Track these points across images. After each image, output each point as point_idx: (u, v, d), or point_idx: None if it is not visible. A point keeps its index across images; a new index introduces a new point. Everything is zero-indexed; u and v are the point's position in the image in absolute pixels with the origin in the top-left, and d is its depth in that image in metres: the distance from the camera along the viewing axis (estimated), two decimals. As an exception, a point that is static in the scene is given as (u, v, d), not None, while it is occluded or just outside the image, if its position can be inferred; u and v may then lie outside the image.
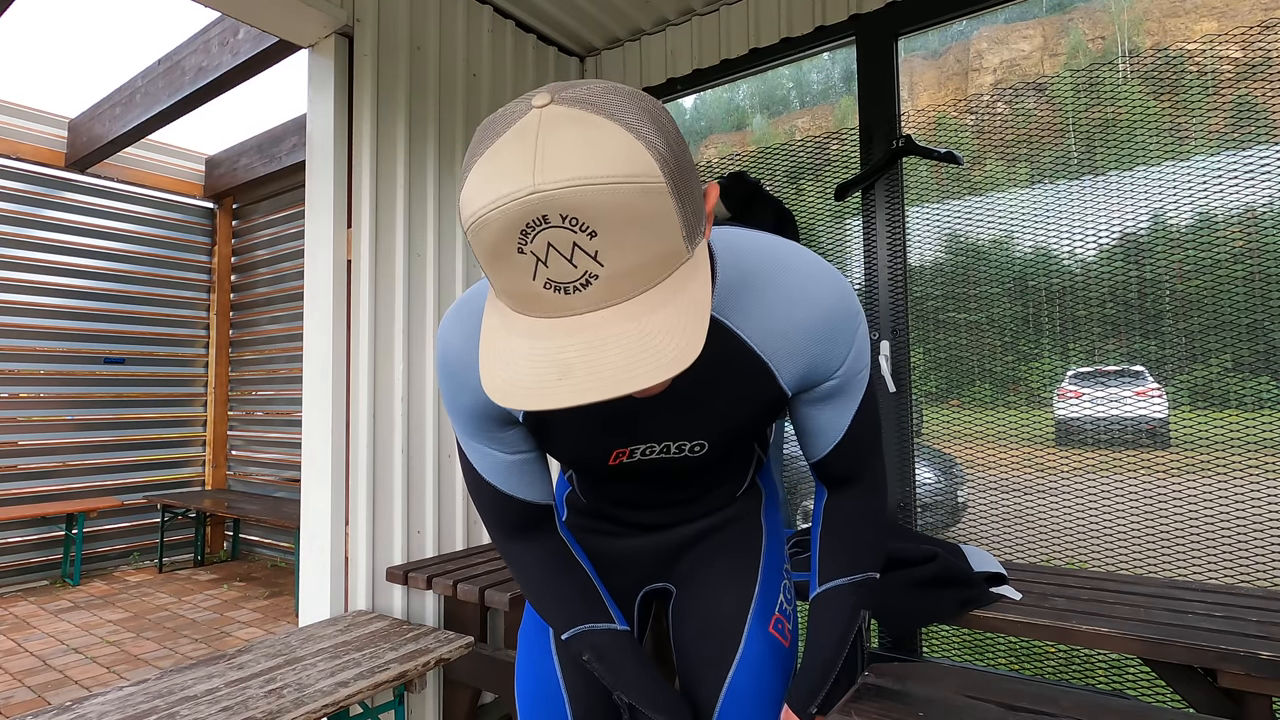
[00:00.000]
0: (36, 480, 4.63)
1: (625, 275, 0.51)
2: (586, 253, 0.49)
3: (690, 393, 0.80)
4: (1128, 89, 2.10)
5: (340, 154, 2.08)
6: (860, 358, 0.81)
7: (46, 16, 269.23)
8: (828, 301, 0.76)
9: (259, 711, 1.32)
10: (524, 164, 0.49)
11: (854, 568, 0.92)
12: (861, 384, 0.84)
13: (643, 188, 0.49)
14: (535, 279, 0.51)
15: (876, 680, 1.04)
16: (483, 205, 0.50)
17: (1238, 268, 1.90)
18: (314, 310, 2.08)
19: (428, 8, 2.36)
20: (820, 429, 0.87)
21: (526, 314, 0.54)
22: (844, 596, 0.91)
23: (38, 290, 4.68)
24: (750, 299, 0.76)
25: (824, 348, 0.78)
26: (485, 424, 0.84)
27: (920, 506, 2.23)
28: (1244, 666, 1.25)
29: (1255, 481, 1.83)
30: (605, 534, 1.06)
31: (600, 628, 0.93)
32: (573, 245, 0.49)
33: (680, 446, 0.86)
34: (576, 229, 0.48)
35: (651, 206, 0.50)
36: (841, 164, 2.43)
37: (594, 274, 0.50)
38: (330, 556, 1.97)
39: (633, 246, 0.50)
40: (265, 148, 4.89)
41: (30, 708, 2.69)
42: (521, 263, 0.50)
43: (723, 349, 0.77)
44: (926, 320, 2.32)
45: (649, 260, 0.51)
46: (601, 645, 0.93)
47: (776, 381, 0.80)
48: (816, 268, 0.77)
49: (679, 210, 0.52)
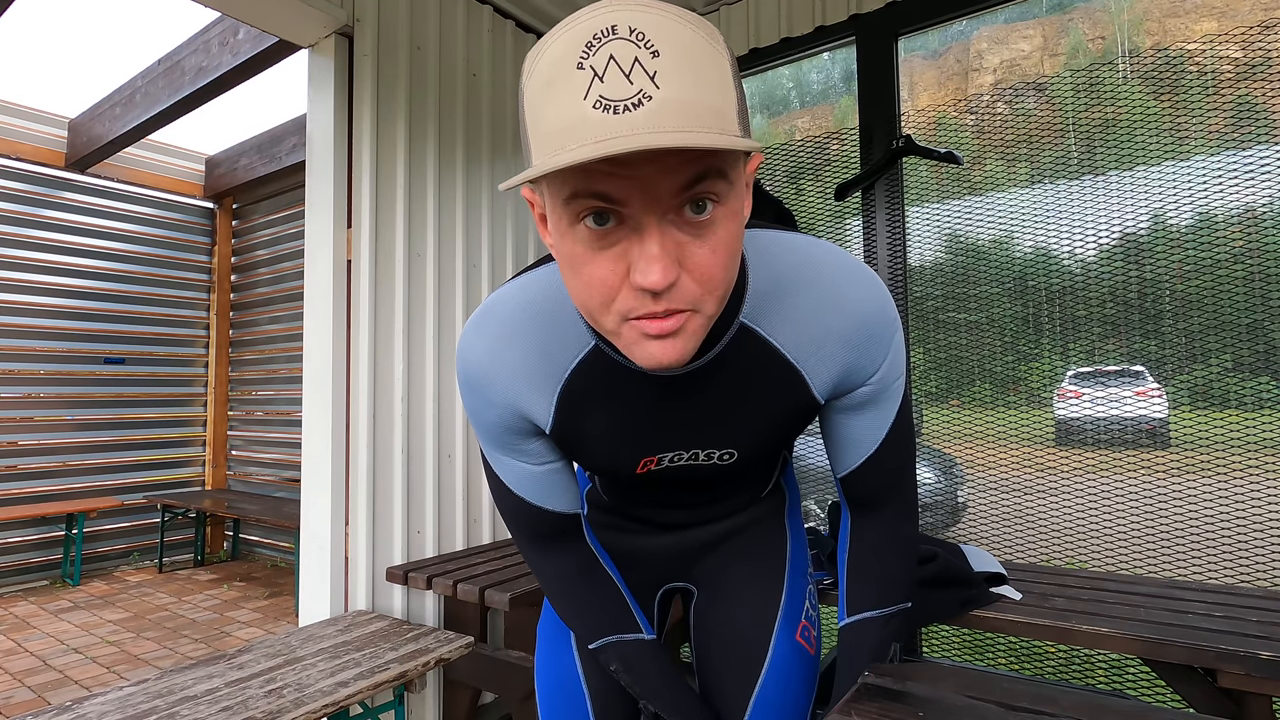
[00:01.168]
0: (36, 480, 4.63)
1: (676, 105, 0.49)
2: (645, 71, 0.48)
3: (721, 401, 0.78)
4: (1128, 89, 2.10)
5: (340, 154, 2.08)
6: (896, 365, 0.78)
7: (46, 16, 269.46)
8: (863, 307, 0.73)
9: (259, 711, 1.32)
10: (600, 3, 0.52)
11: (886, 599, 0.88)
12: (897, 394, 0.81)
13: (712, 38, 0.52)
14: (586, 97, 0.49)
15: (876, 680, 1.04)
16: (554, 32, 0.52)
17: (1238, 268, 1.90)
18: (314, 310, 2.08)
19: (428, 8, 2.36)
20: (853, 439, 0.84)
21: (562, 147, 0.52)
22: (874, 630, 0.88)
23: (38, 290, 4.68)
24: (783, 305, 0.73)
25: (858, 354, 0.75)
26: (510, 436, 0.82)
27: (920, 506, 2.23)
28: (1244, 666, 1.25)
29: (1255, 481, 1.83)
30: (626, 531, 1.05)
31: (628, 639, 0.92)
32: (634, 60, 0.48)
33: (709, 455, 0.83)
34: (641, 44, 0.49)
35: (715, 61, 0.52)
36: (841, 164, 2.43)
37: (648, 94, 0.48)
38: (330, 556, 1.97)
39: (691, 80, 0.50)
40: (265, 148, 4.89)
41: (30, 708, 2.69)
42: (577, 80, 0.49)
43: (754, 358, 0.75)
44: (926, 320, 2.32)
45: (701, 102, 0.50)
46: (629, 656, 0.92)
47: (809, 389, 0.77)
48: (852, 271, 0.74)
49: (735, 88, 0.54)
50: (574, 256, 0.56)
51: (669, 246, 0.54)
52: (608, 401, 0.77)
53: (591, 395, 0.77)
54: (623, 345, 0.59)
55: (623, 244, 0.54)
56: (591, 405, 0.77)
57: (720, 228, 0.55)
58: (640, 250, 0.53)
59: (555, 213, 0.56)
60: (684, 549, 1.03)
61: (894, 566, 0.89)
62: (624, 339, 0.59)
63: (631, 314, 0.56)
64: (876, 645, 0.88)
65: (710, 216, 0.54)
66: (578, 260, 0.56)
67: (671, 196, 0.52)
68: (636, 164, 0.50)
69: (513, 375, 0.76)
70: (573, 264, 0.57)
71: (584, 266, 0.56)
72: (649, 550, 1.04)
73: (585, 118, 0.48)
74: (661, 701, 0.91)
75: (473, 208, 2.53)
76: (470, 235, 2.51)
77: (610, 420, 0.79)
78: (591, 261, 0.55)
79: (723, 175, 0.53)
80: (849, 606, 0.90)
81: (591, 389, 0.76)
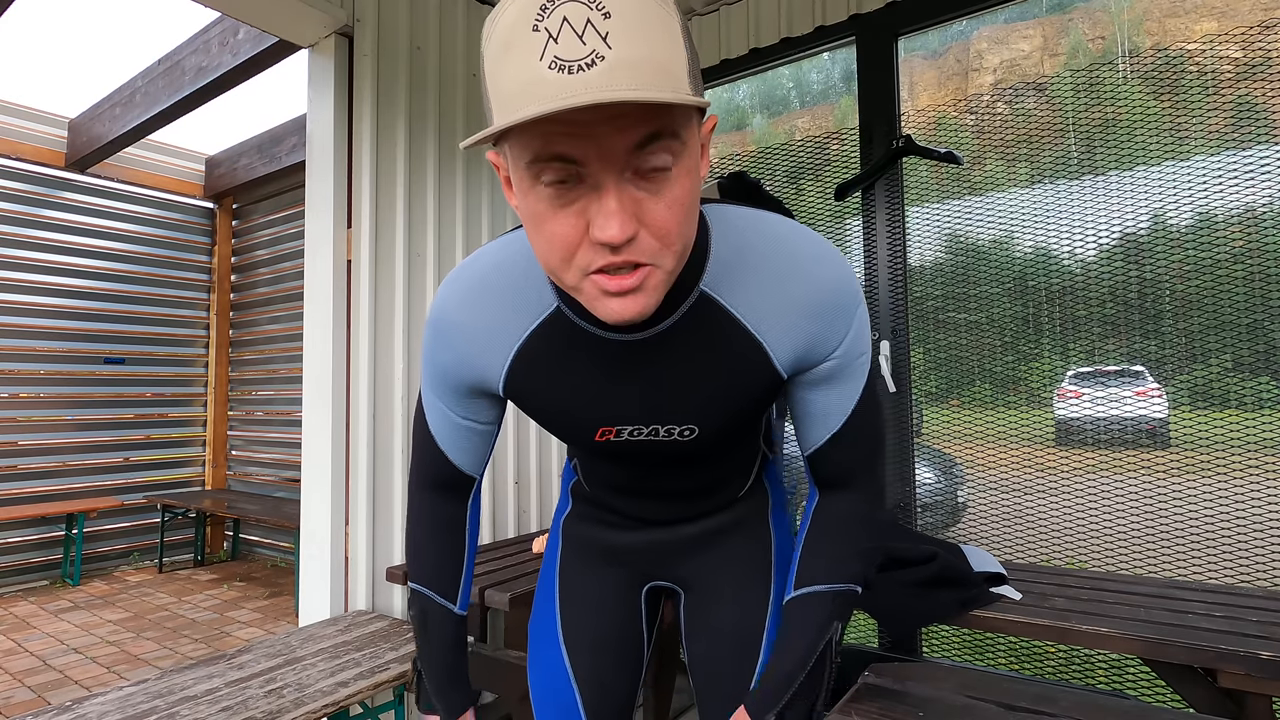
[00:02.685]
0: (36, 480, 4.63)
1: (629, 65, 0.51)
2: (598, 32, 0.50)
3: (680, 371, 0.78)
4: (1128, 89, 2.10)
5: (340, 154, 2.08)
6: (860, 339, 0.79)
7: (46, 16, 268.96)
8: (826, 279, 0.74)
9: (259, 711, 1.32)
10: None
11: (836, 575, 0.86)
12: (863, 369, 0.81)
13: (660, 1, 0.53)
14: (542, 59, 0.51)
15: (876, 680, 1.04)
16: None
17: (1238, 268, 1.90)
18: (314, 310, 2.08)
19: (428, 8, 2.36)
20: (819, 413, 0.83)
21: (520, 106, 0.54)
22: (821, 604, 0.86)
23: (38, 290, 4.68)
24: (745, 275, 0.74)
25: (821, 325, 0.75)
26: (456, 387, 0.85)
27: (920, 506, 2.23)
28: (1244, 666, 1.25)
29: (1255, 481, 1.83)
30: (607, 525, 1.06)
31: (438, 600, 0.95)
32: (586, 21, 0.50)
33: (670, 430, 0.83)
34: (593, 6, 0.50)
35: (665, 21, 0.53)
36: (841, 164, 2.43)
37: (601, 55, 0.50)
38: (330, 556, 1.97)
39: (642, 40, 0.51)
40: (265, 148, 4.90)
41: (30, 708, 2.69)
42: (533, 42, 0.51)
43: (715, 327, 0.75)
44: (926, 320, 2.32)
45: (653, 60, 0.52)
46: (429, 612, 0.95)
47: (771, 362, 0.77)
48: (817, 246, 0.75)
49: (686, 47, 0.55)
50: (536, 215, 0.59)
51: (626, 203, 0.56)
52: (565, 364, 0.79)
53: (549, 356, 0.79)
54: (585, 300, 0.62)
55: (582, 201, 0.57)
56: (549, 366, 0.79)
57: (676, 185, 0.57)
58: (599, 206, 0.56)
59: (518, 174, 0.59)
60: (665, 546, 1.04)
61: (853, 539, 0.88)
62: (586, 294, 0.61)
63: (591, 267, 0.59)
64: (821, 621, 0.86)
65: (666, 174, 0.57)
66: (540, 218, 0.58)
67: (627, 154, 0.54)
68: (593, 124, 0.52)
69: (474, 328, 0.80)
70: (535, 222, 0.59)
71: (545, 224, 0.58)
72: (629, 545, 1.04)
73: (542, 78, 0.51)
74: (430, 668, 0.96)
75: (473, 207, 2.53)
76: (470, 235, 2.51)
77: (568, 383, 0.80)
78: (553, 219, 0.58)
79: (675, 135, 0.56)
80: (797, 580, 0.89)
81: (550, 350, 0.78)
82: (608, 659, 1.02)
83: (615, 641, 1.04)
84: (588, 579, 1.06)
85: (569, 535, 1.10)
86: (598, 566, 1.06)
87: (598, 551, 1.07)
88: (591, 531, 1.07)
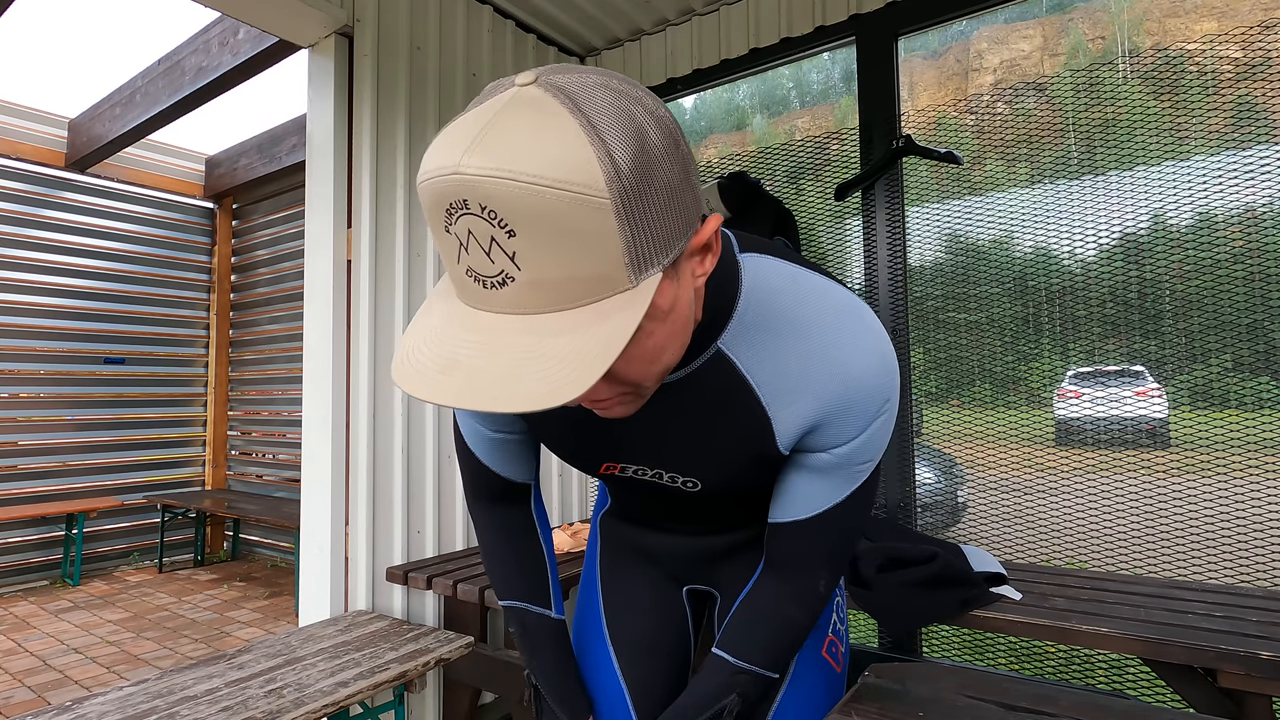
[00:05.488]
0: (36, 480, 4.63)
1: (542, 286, 0.47)
2: (504, 251, 0.46)
3: (683, 424, 0.75)
4: (1128, 89, 2.10)
5: (340, 154, 2.08)
6: (870, 446, 0.72)
7: (46, 16, 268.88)
8: (852, 372, 0.67)
9: (259, 711, 1.32)
10: (464, 141, 0.46)
11: (749, 656, 0.84)
12: (860, 475, 0.75)
13: (578, 199, 0.45)
14: (459, 263, 0.48)
15: (876, 680, 1.04)
16: (422, 172, 0.49)
17: (1238, 268, 1.90)
18: (314, 310, 2.08)
19: (428, 8, 2.36)
20: (792, 494, 0.78)
21: (457, 295, 0.52)
22: (725, 675, 0.84)
23: (38, 290, 4.68)
24: (767, 339, 0.69)
25: (830, 418, 0.69)
26: None
27: (920, 506, 2.23)
28: (1244, 666, 1.25)
29: (1255, 481, 1.83)
30: (641, 525, 1.05)
31: (534, 609, 0.94)
32: (491, 239, 0.46)
33: (672, 478, 0.81)
34: (495, 223, 0.45)
35: (587, 222, 0.45)
36: (841, 164, 2.43)
37: (510, 275, 0.47)
38: (330, 556, 1.97)
39: (555, 259, 0.46)
40: (265, 148, 4.89)
41: (30, 708, 2.69)
42: (449, 241, 0.48)
43: (725, 386, 0.71)
44: (926, 320, 2.32)
45: (573, 278, 0.47)
46: (529, 624, 0.94)
47: (772, 435, 0.72)
48: (856, 334, 0.68)
49: (624, 233, 0.47)
50: None
51: (598, 388, 0.56)
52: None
53: None
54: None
55: None
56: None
57: (646, 339, 0.54)
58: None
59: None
60: (697, 552, 1.02)
61: (774, 635, 0.84)
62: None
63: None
64: (718, 689, 0.84)
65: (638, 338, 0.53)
66: None
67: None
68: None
69: None
70: None
71: None
72: (664, 547, 1.03)
73: (462, 279, 0.50)
74: (543, 678, 0.94)
75: (473, 208, 2.53)
76: (470, 235, 2.51)
77: (571, 416, 0.80)
78: None
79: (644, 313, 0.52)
80: (721, 639, 0.87)
81: None
82: (655, 661, 1.02)
83: (662, 643, 1.04)
84: (630, 580, 1.06)
85: (606, 532, 1.10)
86: (638, 566, 1.06)
87: (635, 551, 1.06)
88: (626, 530, 1.07)
